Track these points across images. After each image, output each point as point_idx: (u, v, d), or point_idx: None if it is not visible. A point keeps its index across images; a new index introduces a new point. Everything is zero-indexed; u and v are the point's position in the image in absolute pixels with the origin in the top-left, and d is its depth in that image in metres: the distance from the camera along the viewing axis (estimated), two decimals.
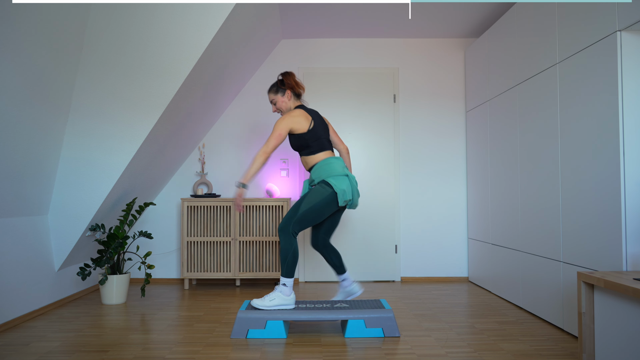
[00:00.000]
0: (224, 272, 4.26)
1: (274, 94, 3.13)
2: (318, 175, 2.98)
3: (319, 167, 2.98)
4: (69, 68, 3.05)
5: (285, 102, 3.11)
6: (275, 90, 3.13)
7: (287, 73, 3.15)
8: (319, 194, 2.88)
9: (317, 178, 2.98)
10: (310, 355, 2.46)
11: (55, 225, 3.47)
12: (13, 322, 3.02)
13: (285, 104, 3.11)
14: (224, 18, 3.09)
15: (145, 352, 2.52)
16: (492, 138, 3.98)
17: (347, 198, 2.92)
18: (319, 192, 2.89)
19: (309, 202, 2.87)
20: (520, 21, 3.42)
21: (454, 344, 2.65)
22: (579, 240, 2.71)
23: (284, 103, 3.11)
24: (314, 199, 2.88)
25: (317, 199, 2.88)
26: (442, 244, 4.63)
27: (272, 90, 3.14)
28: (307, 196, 2.90)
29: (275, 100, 3.12)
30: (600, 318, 2.22)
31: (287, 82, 3.11)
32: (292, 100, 3.12)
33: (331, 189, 2.89)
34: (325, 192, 2.89)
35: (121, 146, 3.36)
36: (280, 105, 3.12)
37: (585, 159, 2.65)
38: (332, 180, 2.91)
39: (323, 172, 2.96)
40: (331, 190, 2.89)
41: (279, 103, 3.12)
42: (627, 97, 2.37)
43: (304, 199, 2.90)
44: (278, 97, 3.11)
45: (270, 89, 3.16)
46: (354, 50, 4.70)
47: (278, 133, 2.93)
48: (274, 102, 3.13)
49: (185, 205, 4.26)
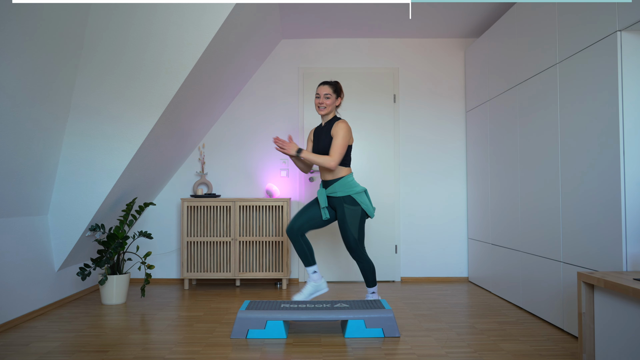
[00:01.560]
0: (224, 272, 4.26)
1: (333, 91, 3.21)
2: (342, 190, 3.12)
3: (346, 182, 3.14)
4: (69, 68, 3.05)
5: (334, 105, 3.24)
6: (335, 89, 3.23)
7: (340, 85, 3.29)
8: (355, 215, 3.11)
9: (340, 192, 3.13)
10: (310, 355, 2.46)
11: (55, 225, 3.47)
12: (13, 322, 3.02)
13: (333, 106, 3.23)
14: (224, 18, 3.09)
15: (145, 352, 2.52)
16: (492, 138, 3.98)
17: (374, 209, 3.19)
18: (353, 214, 3.11)
19: (354, 225, 3.11)
20: (520, 21, 3.42)
21: (454, 344, 2.65)
22: (579, 241, 2.71)
23: (333, 105, 3.22)
24: (355, 220, 3.11)
25: (357, 219, 3.12)
26: (442, 244, 4.63)
27: (331, 87, 3.21)
28: (347, 223, 3.10)
29: (330, 96, 3.19)
30: (600, 318, 2.22)
31: (342, 91, 3.28)
32: (336, 108, 3.28)
33: (360, 207, 3.12)
34: (358, 211, 3.12)
35: (121, 146, 3.36)
36: (330, 103, 3.19)
37: (585, 159, 2.64)
38: (358, 197, 3.12)
39: (348, 188, 3.13)
40: (360, 208, 3.12)
41: (330, 101, 3.19)
42: (627, 97, 2.37)
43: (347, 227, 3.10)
44: (334, 96, 3.21)
45: (330, 84, 3.23)
46: (354, 50, 4.70)
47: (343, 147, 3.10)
48: (327, 97, 3.18)
49: (185, 205, 4.26)
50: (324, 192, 3.19)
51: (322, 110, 3.20)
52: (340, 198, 3.11)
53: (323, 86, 3.21)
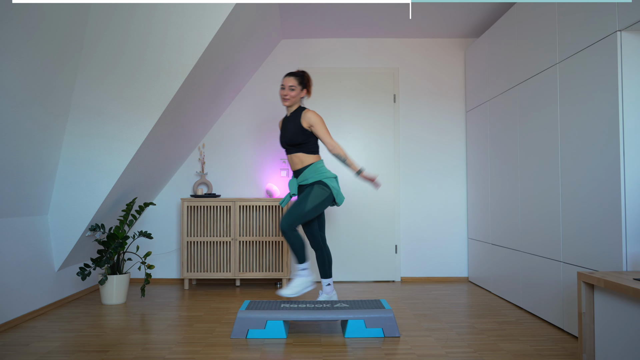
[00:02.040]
0: (224, 272, 4.26)
1: (298, 83, 3.21)
2: (313, 176, 3.15)
3: (315, 168, 3.17)
4: (69, 68, 3.05)
5: (299, 97, 3.23)
6: (300, 80, 3.22)
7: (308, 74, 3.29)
8: (321, 195, 3.11)
9: (311, 178, 3.15)
10: (310, 355, 2.46)
11: (55, 225, 3.47)
12: (13, 322, 3.02)
13: (298, 98, 3.23)
14: (224, 18, 3.09)
15: (145, 352, 2.52)
16: (492, 138, 3.98)
17: (343, 198, 3.21)
18: (320, 193, 3.11)
19: (313, 202, 3.09)
20: (520, 21, 3.42)
21: (454, 344, 2.65)
22: (579, 241, 2.71)
23: (298, 96, 3.22)
24: (318, 199, 3.10)
25: (320, 199, 3.10)
26: (442, 244, 4.63)
27: (297, 78, 3.21)
28: (309, 196, 3.10)
29: (294, 87, 3.19)
30: (600, 318, 2.22)
31: (309, 82, 3.27)
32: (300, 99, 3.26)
33: (329, 191, 3.13)
34: (325, 193, 3.12)
35: (121, 146, 3.36)
36: (294, 95, 3.19)
37: (586, 159, 2.65)
38: (329, 182, 3.15)
39: (318, 173, 3.16)
40: (330, 192, 3.14)
41: (295, 92, 3.19)
42: (627, 97, 2.37)
43: (307, 199, 3.09)
44: (299, 88, 3.21)
45: (295, 75, 3.22)
46: (354, 50, 4.70)
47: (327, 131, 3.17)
48: (292, 89, 3.18)
49: (185, 205, 4.26)
50: (295, 181, 3.23)
51: (286, 102, 3.21)
52: (312, 184, 3.14)
53: (288, 77, 3.21)
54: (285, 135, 3.22)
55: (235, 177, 4.62)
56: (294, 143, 3.17)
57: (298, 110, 3.23)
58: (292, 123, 3.21)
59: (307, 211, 3.06)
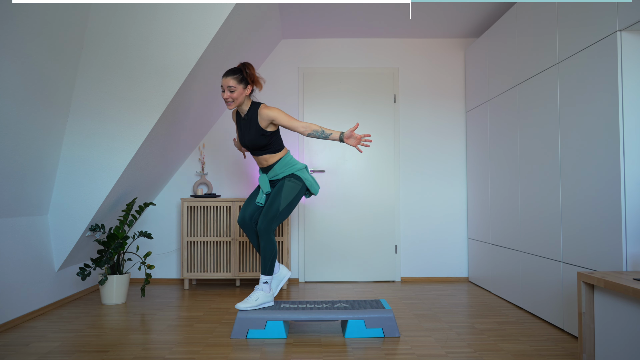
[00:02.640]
0: (224, 272, 4.26)
1: (238, 82, 2.82)
2: (283, 170, 2.94)
3: (285, 163, 2.95)
4: (69, 68, 3.05)
5: (243, 95, 2.86)
6: (240, 78, 2.84)
7: (249, 64, 2.91)
8: (294, 189, 2.90)
9: (281, 173, 2.94)
10: (310, 355, 2.46)
11: (55, 225, 3.47)
12: (13, 322, 3.02)
13: (242, 96, 2.86)
14: (224, 18, 3.09)
15: (145, 352, 2.52)
16: (492, 138, 3.98)
17: (318, 187, 3.01)
18: (292, 187, 2.90)
19: (287, 199, 2.87)
20: (520, 21, 3.42)
21: (454, 344, 2.65)
22: (579, 241, 2.71)
23: (242, 95, 2.85)
24: (290, 194, 2.88)
25: (293, 194, 2.89)
26: (442, 244, 4.63)
27: (234, 77, 2.82)
28: (281, 193, 2.87)
29: (235, 88, 2.81)
30: (600, 318, 2.22)
31: (251, 74, 2.87)
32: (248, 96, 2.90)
33: (302, 183, 2.93)
34: (297, 186, 2.91)
35: (121, 146, 3.36)
36: (236, 96, 2.82)
37: (586, 159, 2.64)
38: (300, 174, 2.94)
39: (289, 167, 2.95)
40: (302, 184, 2.93)
41: (237, 93, 2.82)
42: (627, 97, 2.37)
43: (279, 196, 2.86)
44: (240, 86, 2.83)
45: (232, 73, 2.84)
46: (354, 50, 4.70)
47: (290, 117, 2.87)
48: (232, 90, 2.80)
49: (185, 205, 4.26)
50: (265, 177, 2.98)
51: (231, 105, 2.84)
52: (283, 178, 2.93)
53: (225, 78, 2.83)
54: (246, 138, 2.93)
55: (235, 177, 4.62)
56: (256, 147, 2.92)
57: (252, 109, 2.89)
58: (249, 125, 2.90)
59: (282, 209, 2.85)
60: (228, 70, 2.86)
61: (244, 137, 2.95)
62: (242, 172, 4.62)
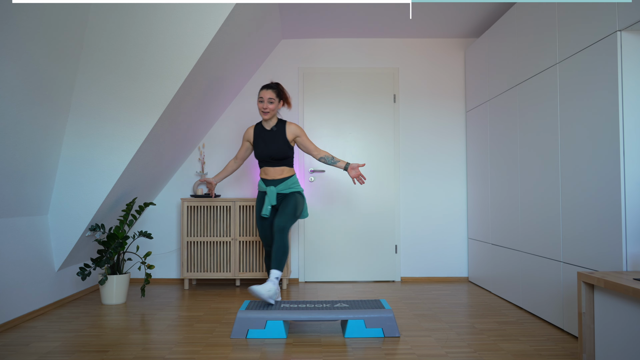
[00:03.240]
0: (224, 272, 4.26)
1: (276, 95, 3.25)
2: (293, 186, 3.33)
3: (295, 180, 3.37)
4: (69, 68, 3.05)
5: (277, 109, 3.30)
6: (278, 93, 3.27)
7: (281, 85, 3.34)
8: (301, 202, 3.32)
9: (288, 189, 3.31)
10: (310, 355, 2.46)
11: (55, 225, 3.47)
12: (13, 322, 3.02)
13: (276, 110, 3.29)
14: (224, 18, 3.09)
15: (145, 352, 2.52)
16: (492, 138, 3.98)
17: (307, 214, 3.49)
18: (301, 200, 3.31)
19: (298, 206, 3.26)
20: (520, 21, 3.42)
21: (454, 344, 2.65)
22: (579, 241, 2.71)
23: (276, 109, 3.29)
24: (300, 204, 3.28)
25: (301, 206, 3.30)
26: (442, 244, 4.63)
27: (274, 91, 3.25)
28: (293, 200, 3.25)
29: (273, 100, 3.23)
30: (600, 318, 2.22)
31: (286, 95, 3.33)
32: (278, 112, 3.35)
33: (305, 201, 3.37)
34: (304, 201, 3.36)
35: (121, 146, 3.36)
36: (273, 108, 3.25)
37: (586, 159, 2.65)
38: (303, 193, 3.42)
39: (297, 185, 3.37)
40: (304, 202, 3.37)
41: (274, 105, 3.24)
42: (627, 97, 2.37)
43: (292, 202, 3.24)
44: (277, 100, 3.26)
45: (272, 88, 3.25)
46: (354, 50, 4.70)
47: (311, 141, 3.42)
48: (271, 102, 3.22)
49: (185, 205, 4.26)
50: (274, 189, 3.28)
51: (266, 115, 3.25)
52: (292, 193, 3.31)
53: (266, 90, 3.25)
54: (271, 148, 3.27)
55: (235, 177, 4.62)
56: (280, 157, 3.27)
57: (280, 123, 3.32)
58: (275, 137, 3.28)
59: (297, 214, 3.24)
60: (268, 85, 3.29)
61: (267, 148, 3.28)
62: (242, 172, 4.63)
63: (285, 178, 3.31)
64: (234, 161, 3.61)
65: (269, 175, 3.32)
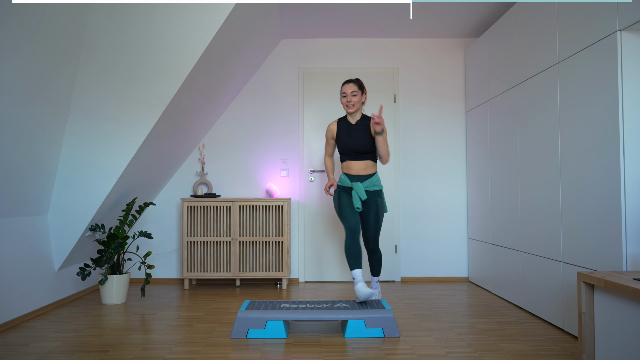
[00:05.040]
0: (224, 272, 4.26)
1: (358, 88, 3.28)
2: (377, 183, 3.32)
3: (378, 177, 3.35)
4: (69, 68, 3.05)
5: (361, 102, 3.31)
6: (359, 85, 3.29)
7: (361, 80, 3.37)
8: (383, 207, 3.33)
9: (376, 185, 3.31)
10: (310, 355, 2.46)
11: (55, 225, 3.47)
12: (13, 322, 3.02)
13: (360, 103, 3.30)
14: (224, 18, 3.09)
15: (145, 352, 2.52)
16: (492, 138, 3.98)
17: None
18: (384, 204, 3.33)
19: (382, 212, 3.31)
20: (520, 21, 3.42)
21: (454, 344, 2.65)
22: (579, 240, 2.71)
23: (360, 102, 3.30)
24: (382, 208, 3.31)
25: (383, 208, 3.32)
26: (442, 244, 4.63)
27: (356, 84, 3.28)
28: (380, 210, 3.30)
29: (356, 93, 3.26)
30: (600, 318, 2.22)
31: (364, 88, 3.33)
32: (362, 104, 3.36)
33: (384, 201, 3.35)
34: (384, 203, 3.35)
35: (121, 146, 3.36)
36: (357, 100, 3.27)
37: (586, 159, 2.64)
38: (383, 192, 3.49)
39: (380, 182, 3.35)
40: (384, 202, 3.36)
41: (357, 98, 3.26)
42: (627, 97, 2.37)
43: (379, 213, 3.30)
44: (359, 92, 3.28)
45: (354, 82, 3.29)
46: (354, 50, 4.70)
47: None
48: (354, 95, 3.25)
49: (185, 205, 4.26)
50: (361, 185, 3.24)
51: (351, 109, 3.27)
52: (376, 191, 3.30)
53: (348, 84, 3.28)
54: (357, 141, 3.26)
55: (235, 177, 4.62)
56: (366, 150, 3.26)
57: (364, 117, 3.32)
58: (361, 130, 3.28)
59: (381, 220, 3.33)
60: (348, 79, 3.32)
61: (354, 142, 3.28)
62: (242, 172, 4.63)
63: (370, 175, 3.30)
64: (330, 158, 3.52)
65: (353, 170, 3.29)
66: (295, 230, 4.60)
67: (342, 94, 3.28)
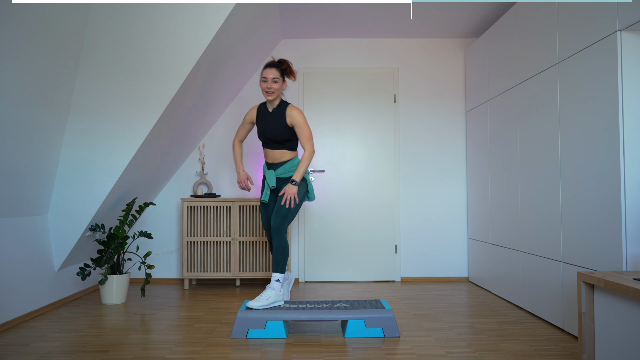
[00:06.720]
0: (224, 272, 4.26)
1: (280, 74, 3.05)
2: (289, 170, 3.13)
3: (295, 163, 3.15)
4: (69, 68, 3.05)
5: (281, 89, 3.09)
6: (282, 72, 3.06)
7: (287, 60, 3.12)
8: (300, 191, 3.10)
9: (287, 172, 3.13)
10: (310, 355, 2.46)
11: (55, 225, 3.47)
12: (13, 322, 3.02)
13: (280, 90, 3.08)
14: (224, 18, 3.09)
15: (145, 352, 2.52)
16: (492, 138, 3.98)
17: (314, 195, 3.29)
18: (301, 190, 3.10)
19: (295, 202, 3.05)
20: (520, 21, 3.42)
21: (454, 344, 2.65)
22: (579, 240, 2.71)
23: (280, 89, 3.08)
24: (299, 196, 3.08)
25: (300, 195, 3.09)
26: (442, 244, 4.63)
27: (278, 69, 3.04)
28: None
29: (278, 80, 3.03)
30: (600, 318, 2.22)
31: (290, 70, 3.09)
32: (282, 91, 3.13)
33: (307, 186, 3.16)
34: (304, 188, 3.14)
35: (121, 146, 3.36)
36: (278, 88, 3.05)
37: (586, 159, 2.65)
38: (307, 176, 3.17)
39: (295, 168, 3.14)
40: (306, 187, 3.16)
41: (278, 85, 3.05)
42: (627, 97, 2.37)
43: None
44: (281, 79, 3.06)
45: (276, 66, 3.04)
46: (354, 50, 4.70)
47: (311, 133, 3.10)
48: (276, 81, 3.02)
49: (185, 205, 4.26)
50: (273, 172, 3.12)
51: (270, 96, 3.05)
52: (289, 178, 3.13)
53: (270, 69, 3.03)
54: (268, 130, 3.10)
55: (235, 177, 4.62)
56: (277, 140, 3.09)
57: (281, 106, 3.10)
58: (276, 120, 3.08)
59: (294, 209, 3.04)
60: (271, 63, 3.07)
61: (267, 130, 3.11)
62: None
63: (285, 161, 3.12)
64: (239, 144, 3.34)
65: (269, 158, 3.16)
66: (295, 230, 4.60)
67: (263, 78, 3.03)
